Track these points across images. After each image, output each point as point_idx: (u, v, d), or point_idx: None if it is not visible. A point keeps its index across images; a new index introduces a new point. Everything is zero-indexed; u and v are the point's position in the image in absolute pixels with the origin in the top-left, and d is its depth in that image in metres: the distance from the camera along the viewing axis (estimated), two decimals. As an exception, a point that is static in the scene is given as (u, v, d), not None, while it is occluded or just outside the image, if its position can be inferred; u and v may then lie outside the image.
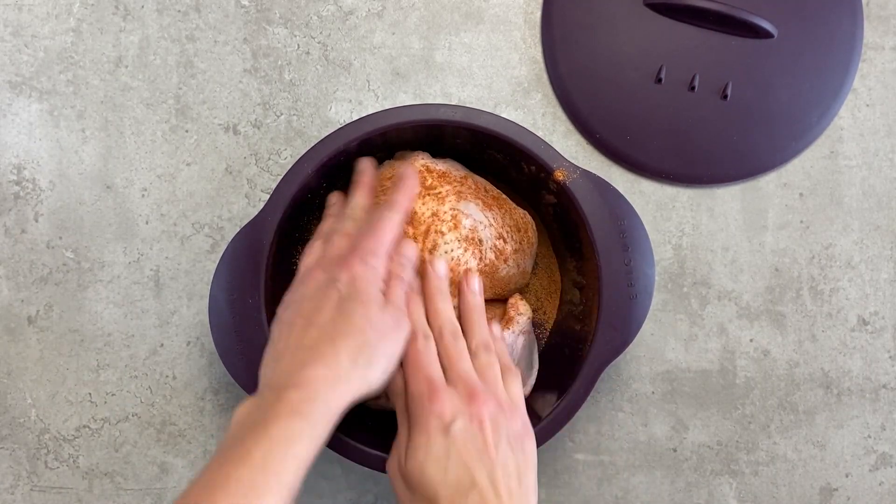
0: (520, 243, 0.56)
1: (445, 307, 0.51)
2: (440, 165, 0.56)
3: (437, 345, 0.49)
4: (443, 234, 0.53)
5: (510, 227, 0.56)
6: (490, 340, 0.51)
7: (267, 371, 0.46)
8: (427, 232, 0.53)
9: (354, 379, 0.44)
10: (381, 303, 0.47)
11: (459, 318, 0.52)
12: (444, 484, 0.44)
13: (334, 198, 0.57)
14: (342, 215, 0.53)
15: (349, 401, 0.44)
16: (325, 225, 0.55)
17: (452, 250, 0.53)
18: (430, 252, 0.53)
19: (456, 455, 0.44)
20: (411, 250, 0.52)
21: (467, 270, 0.54)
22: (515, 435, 0.46)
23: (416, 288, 0.52)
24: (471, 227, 0.54)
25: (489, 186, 0.58)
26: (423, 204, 0.54)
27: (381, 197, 0.55)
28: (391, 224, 0.50)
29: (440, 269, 0.52)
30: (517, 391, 0.49)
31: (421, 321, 0.50)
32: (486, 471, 0.44)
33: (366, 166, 0.56)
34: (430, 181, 0.55)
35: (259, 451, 0.40)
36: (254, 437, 0.41)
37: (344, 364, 0.44)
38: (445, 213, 0.53)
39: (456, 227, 0.53)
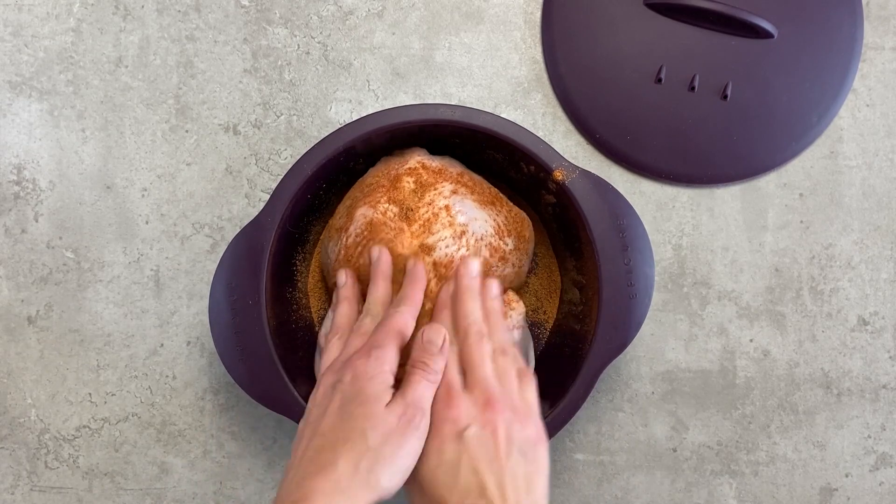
0: (516, 242, 0.56)
1: (474, 308, 0.50)
2: (436, 162, 0.56)
3: (461, 345, 0.49)
4: (437, 230, 0.53)
5: (506, 225, 0.56)
6: (509, 344, 0.50)
7: (281, 485, 0.45)
8: (422, 228, 0.53)
9: (356, 489, 0.42)
10: (386, 400, 0.45)
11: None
12: (454, 489, 0.43)
13: (343, 276, 0.55)
14: (365, 312, 0.52)
15: None
16: (340, 313, 0.53)
17: (447, 246, 0.53)
18: (425, 251, 0.53)
19: (467, 461, 0.43)
20: (437, 335, 0.49)
21: (486, 276, 0.53)
22: (528, 442, 0.45)
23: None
24: (465, 223, 0.53)
25: (486, 184, 0.58)
26: (419, 199, 0.54)
27: (373, 195, 0.54)
28: (401, 317, 0.49)
29: (473, 268, 0.52)
30: (532, 396, 0.48)
31: (448, 328, 0.50)
32: (495, 478, 0.43)
33: (381, 254, 0.53)
34: (425, 177, 0.55)
35: None
36: None
37: (343, 473, 0.42)
38: (440, 209, 0.53)
39: (451, 224, 0.53)
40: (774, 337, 0.64)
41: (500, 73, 0.65)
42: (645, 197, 0.64)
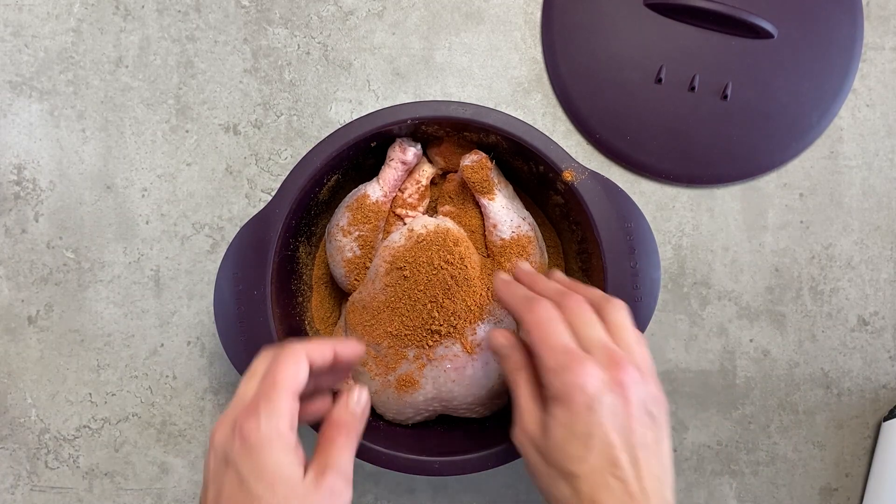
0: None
1: (548, 284, 0.47)
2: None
3: (564, 315, 0.44)
4: None
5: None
6: (610, 296, 0.46)
7: None
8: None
9: None
10: (295, 471, 0.38)
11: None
12: (585, 462, 0.40)
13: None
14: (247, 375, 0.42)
15: None
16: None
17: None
18: None
19: (600, 434, 0.40)
20: (360, 394, 0.43)
21: (552, 270, 0.53)
22: (655, 401, 0.42)
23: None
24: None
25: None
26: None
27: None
28: (289, 360, 0.40)
29: (525, 266, 0.51)
30: (648, 351, 0.45)
31: (525, 289, 0.46)
32: (629, 451, 0.40)
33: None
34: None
35: None
36: None
37: None
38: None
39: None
40: (774, 337, 0.64)
41: (500, 73, 0.65)
42: (645, 197, 0.64)
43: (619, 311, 0.44)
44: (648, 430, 0.41)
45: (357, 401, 0.42)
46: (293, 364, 0.40)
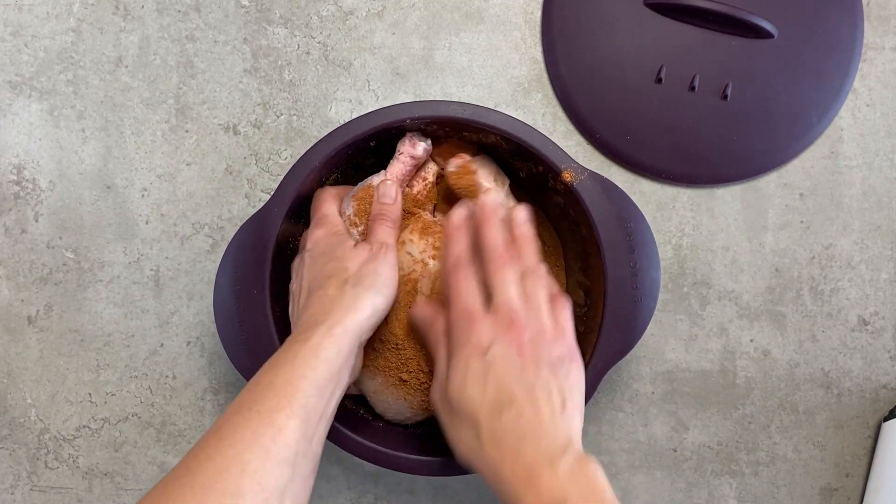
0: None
1: (496, 234, 0.50)
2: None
3: (484, 270, 0.49)
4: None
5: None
6: (540, 267, 0.50)
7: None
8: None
9: (348, 301, 0.47)
10: (352, 244, 0.51)
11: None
12: (482, 402, 0.44)
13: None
14: None
15: (355, 322, 0.46)
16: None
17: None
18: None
19: (493, 375, 0.44)
20: (389, 189, 0.54)
21: (517, 206, 0.53)
22: (558, 359, 0.46)
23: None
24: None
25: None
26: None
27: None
28: (326, 194, 0.55)
29: (495, 199, 0.54)
30: (565, 317, 0.48)
31: (463, 250, 0.50)
32: (524, 388, 0.44)
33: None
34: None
35: (266, 376, 0.44)
36: (263, 369, 0.45)
37: (332, 295, 0.48)
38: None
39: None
40: (774, 337, 0.64)
41: (500, 73, 0.65)
42: (645, 197, 0.64)
43: (535, 279, 0.48)
44: (550, 381, 0.44)
45: (384, 194, 0.54)
46: (330, 195, 0.56)
